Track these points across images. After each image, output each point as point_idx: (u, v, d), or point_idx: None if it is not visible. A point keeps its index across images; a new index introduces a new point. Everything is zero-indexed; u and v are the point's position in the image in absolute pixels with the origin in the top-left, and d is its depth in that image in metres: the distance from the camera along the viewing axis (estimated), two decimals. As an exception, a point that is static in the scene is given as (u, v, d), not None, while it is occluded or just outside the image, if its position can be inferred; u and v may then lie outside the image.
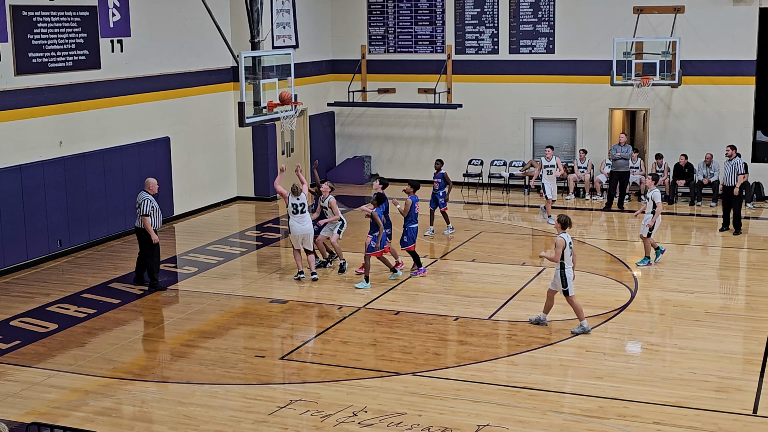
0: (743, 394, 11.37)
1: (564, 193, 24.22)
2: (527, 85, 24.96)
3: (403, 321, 14.36)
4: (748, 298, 15.62)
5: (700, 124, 23.70)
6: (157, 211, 16.07)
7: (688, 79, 23.12)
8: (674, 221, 21.34)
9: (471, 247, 18.91)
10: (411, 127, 26.34)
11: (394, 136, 26.57)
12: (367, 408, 11.01)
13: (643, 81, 22.43)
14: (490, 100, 25.30)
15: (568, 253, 13.47)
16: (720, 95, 23.45)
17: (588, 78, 24.27)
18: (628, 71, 22.70)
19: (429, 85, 25.39)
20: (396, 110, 26.10)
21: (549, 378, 12.02)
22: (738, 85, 23.30)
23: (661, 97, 23.93)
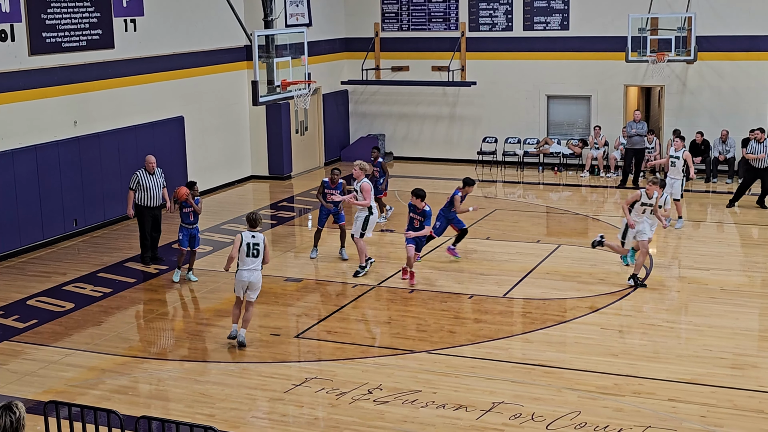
0: (759, 371, 11.35)
1: (579, 170, 24.16)
2: (541, 62, 24.84)
3: (417, 299, 14.38)
4: (764, 275, 15.56)
5: (716, 100, 23.55)
6: (149, 189, 16.00)
7: (704, 55, 22.98)
8: (690, 198, 21.25)
9: (485, 224, 18.89)
10: (425, 105, 26.27)
11: (407, 115, 26.51)
12: (382, 386, 11.05)
13: (659, 57, 22.28)
14: (504, 77, 25.19)
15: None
16: (736, 71, 23.29)
17: (603, 54, 24.13)
18: (643, 47, 22.56)
19: (443, 62, 25.30)
20: (410, 88, 26.03)
21: (564, 355, 12.03)
22: (754, 61, 23.12)
23: (677, 73, 23.78)
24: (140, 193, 16.00)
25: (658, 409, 10.32)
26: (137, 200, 16.05)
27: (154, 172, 16.10)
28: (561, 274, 15.46)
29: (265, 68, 16.18)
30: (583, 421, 10.00)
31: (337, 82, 26.17)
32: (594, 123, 24.51)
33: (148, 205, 16.09)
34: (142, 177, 15.98)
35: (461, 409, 10.36)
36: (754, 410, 10.26)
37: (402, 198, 21.45)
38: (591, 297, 14.25)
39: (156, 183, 16.11)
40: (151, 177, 16.03)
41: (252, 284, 12.34)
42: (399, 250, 16.92)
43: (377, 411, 10.39)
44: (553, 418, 10.08)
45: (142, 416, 8.44)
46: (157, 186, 16.12)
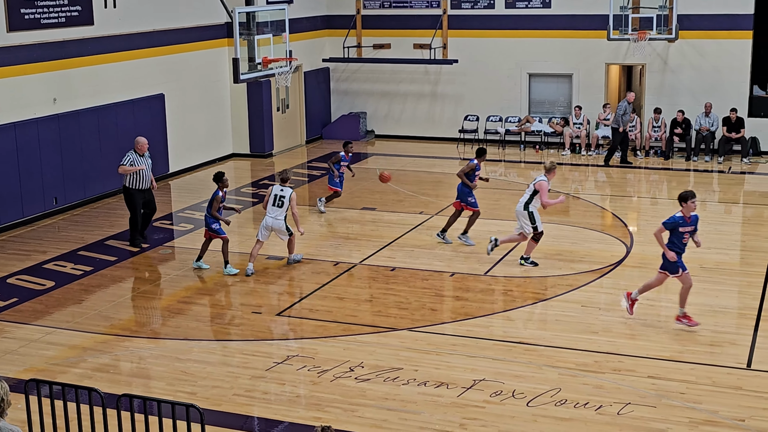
0: (737, 348, 11.44)
1: (560, 149, 24.20)
2: (523, 40, 24.82)
3: (399, 277, 14.40)
4: (743, 252, 15.67)
5: (697, 78, 23.61)
6: (140, 171, 15.76)
7: (685, 34, 23.02)
8: (670, 176, 21.35)
9: (467, 203, 18.87)
10: (407, 83, 26.22)
11: (389, 92, 26.46)
12: (363, 363, 11.08)
13: (640, 36, 22.31)
14: (486, 55, 25.16)
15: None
16: (717, 50, 23.34)
17: (584, 33, 24.13)
18: (624, 26, 22.58)
19: (425, 40, 25.23)
20: (391, 66, 25.96)
21: (544, 333, 12.09)
22: (735, 40, 23.17)
23: (658, 51, 23.81)
24: (131, 175, 15.80)
25: (638, 386, 10.39)
26: (127, 183, 15.86)
27: (144, 154, 15.91)
28: (542, 252, 15.49)
29: (246, 45, 16.11)
30: (563, 398, 10.06)
31: (319, 60, 26.08)
32: (576, 101, 24.53)
33: (139, 188, 15.91)
34: (135, 159, 15.79)
35: (442, 387, 10.41)
36: (733, 387, 10.35)
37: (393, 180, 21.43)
38: (571, 275, 14.31)
39: (147, 165, 15.95)
40: (141, 159, 15.85)
41: (276, 229, 14.65)
42: (381, 228, 16.94)
43: (359, 388, 10.42)
44: (534, 395, 10.14)
45: (123, 394, 8.44)
46: (148, 168, 15.96)
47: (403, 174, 21.69)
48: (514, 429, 9.45)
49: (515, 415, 9.72)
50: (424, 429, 9.50)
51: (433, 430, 9.47)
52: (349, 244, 16.17)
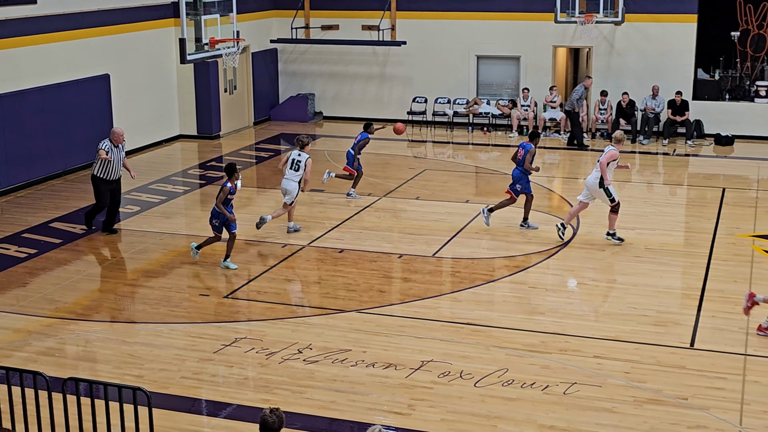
0: (681, 328, 11.62)
1: (508, 131, 24.33)
2: (472, 22, 24.86)
3: (347, 259, 14.40)
4: (687, 234, 15.90)
5: (643, 62, 23.84)
6: (112, 162, 15.21)
7: (631, 17, 23.21)
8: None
9: (415, 184, 18.95)
10: (355, 65, 26.16)
11: (338, 74, 26.37)
12: (312, 345, 11.08)
13: (587, 18, 22.46)
14: (434, 37, 25.17)
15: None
16: (662, 33, 23.58)
17: (532, 15, 24.24)
18: (572, 8, 22.71)
19: (373, 21, 25.16)
20: (340, 47, 25.86)
21: (492, 314, 12.17)
22: (680, 23, 23.43)
23: (605, 34, 24.00)
24: (103, 166, 15.28)
25: (584, 365, 10.52)
26: (96, 171, 15.37)
27: (119, 145, 15.38)
28: (490, 233, 15.60)
29: (192, 26, 15.95)
30: (510, 379, 10.15)
31: (266, 41, 25.90)
32: (523, 83, 24.65)
33: (107, 178, 15.38)
34: (110, 148, 15.26)
35: (391, 368, 10.44)
36: (676, 366, 10.52)
37: (331, 158, 21.41)
38: (519, 256, 14.42)
39: (119, 156, 15.44)
40: (115, 150, 15.33)
41: (286, 190, 15.28)
42: (329, 209, 16.91)
43: (307, 370, 10.42)
44: (481, 376, 10.22)
45: (69, 378, 8.35)
46: (119, 160, 15.46)
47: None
48: (461, 409, 9.52)
49: (463, 396, 9.79)
50: (372, 410, 9.54)
51: (382, 411, 9.51)
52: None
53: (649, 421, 9.26)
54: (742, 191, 18.47)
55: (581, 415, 9.38)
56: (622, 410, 9.48)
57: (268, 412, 6.62)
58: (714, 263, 14.04)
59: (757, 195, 18.08)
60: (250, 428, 8.79)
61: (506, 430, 9.13)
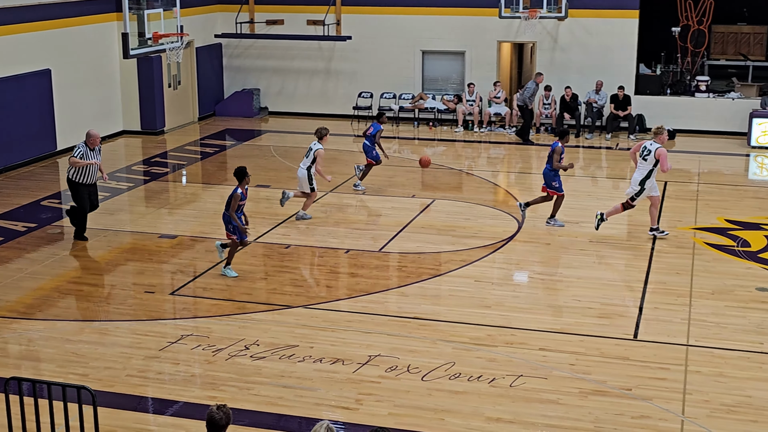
0: (625, 320, 11.77)
1: (453, 126, 24.42)
2: (417, 17, 24.90)
3: (294, 254, 14.37)
4: (630, 227, 16.08)
5: (586, 57, 24.08)
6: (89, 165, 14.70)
7: (575, 12, 23.43)
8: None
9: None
10: (300, 60, 26.08)
11: (283, 69, 26.27)
12: (259, 341, 11.04)
13: (531, 14, 22.63)
14: (379, 32, 25.18)
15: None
16: (605, 28, 23.84)
17: (477, 10, 24.35)
18: (516, 4, 22.86)
19: (318, 16, 25.10)
20: (285, 42, 25.75)
21: (439, 308, 12.23)
22: (622, 19, 23.71)
23: (548, 30, 24.19)
24: (79, 170, 14.74)
25: (530, 358, 10.62)
26: (73, 176, 14.83)
27: (95, 148, 14.82)
28: (436, 228, 15.66)
29: (135, 20, 15.78)
30: (457, 372, 10.21)
31: (211, 36, 25.71)
32: (468, 78, 24.76)
33: (85, 182, 14.80)
34: (86, 152, 14.71)
35: (338, 363, 10.45)
36: (620, 357, 10.66)
37: (277, 153, 21.34)
38: (465, 250, 14.50)
39: (97, 160, 14.82)
40: (91, 153, 14.78)
41: (300, 179, 15.90)
42: (275, 205, 16.84)
43: (254, 366, 10.39)
44: (428, 370, 10.26)
45: (11, 377, 8.24)
46: (97, 162, 14.85)
47: (297, 151, 21.60)
48: (408, 403, 9.55)
49: (410, 390, 9.83)
50: (320, 405, 9.54)
51: (329, 407, 9.51)
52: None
53: (594, 412, 9.37)
54: (683, 185, 18.74)
55: (527, 407, 9.47)
56: (568, 402, 9.58)
57: (215, 409, 6.59)
58: (656, 256, 14.24)
59: (698, 188, 18.37)
60: (197, 425, 8.73)
61: (453, 423, 9.18)
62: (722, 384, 9.99)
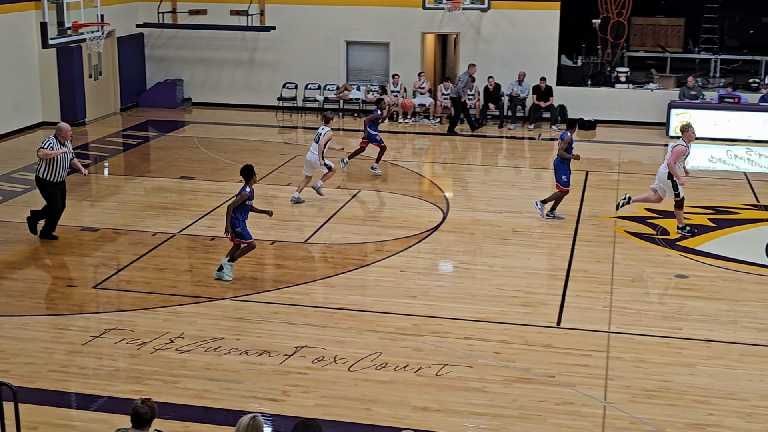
0: (548, 308, 11.95)
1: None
2: (341, 7, 24.86)
3: (219, 246, 14.27)
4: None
5: (509, 48, 24.29)
6: (60, 161, 14.01)
7: (497, 4, 23.63)
8: (484, 143, 21.96)
9: (286, 171, 18.89)
10: (224, 50, 25.85)
11: (206, 59, 26.01)
12: (184, 334, 10.96)
13: (454, 5, 22.77)
14: (304, 22, 25.08)
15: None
16: (527, 20, 24.08)
17: (401, 1, 24.40)
18: (436, -5, 22.99)
19: (242, 6, 24.90)
20: (208, 33, 25.49)
21: (365, 298, 12.26)
22: (544, 10, 23.99)
23: (471, 21, 24.36)
24: (49, 167, 14.06)
25: (455, 347, 10.71)
26: (42, 173, 14.10)
27: (65, 142, 14.16)
28: (361, 218, 15.70)
29: (54, 9, 15.51)
30: (383, 362, 10.26)
31: (132, 25, 25.32)
32: (393, 69, 24.82)
33: (54, 180, 14.09)
34: (55, 146, 14.05)
35: (264, 355, 10.42)
36: (544, 345, 10.82)
37: (201, 145, 21.15)
38: (391, 241, 14.56)
39: (67, 155, 14.19)
40: (61, 148, 14.09)
41: (307, 160, 16.40)
42: (199, 197, 16.71)
43: (180, 360, 10.31)
44: (355, 360, 10.30)
45: (-71, 375, 8.06)
46: (67, 158, 14.23)
47: (221, 142, 21.46)
48: (336, 394, 9.58)
49: (337, 381, 9.85)
50: (246, 398, 9.51)
51: (256, 399, 9.49)
52: (167, 213, 15.88)
53: (518, 399, 9.50)
54: (604, 174, 19.06)
55: (453, 396, 9.56)
56: (493, 389, 9.70)
57: (139, 403, 6.54)
58: (578, 244, 14.47)
59: (619, 178, 18.70)
60: (121, 420, 8.64)
61: (380, 413, 9.23)
62: (642, 369, 10.20)
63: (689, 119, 21.85)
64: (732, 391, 9.72)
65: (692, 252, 14.13)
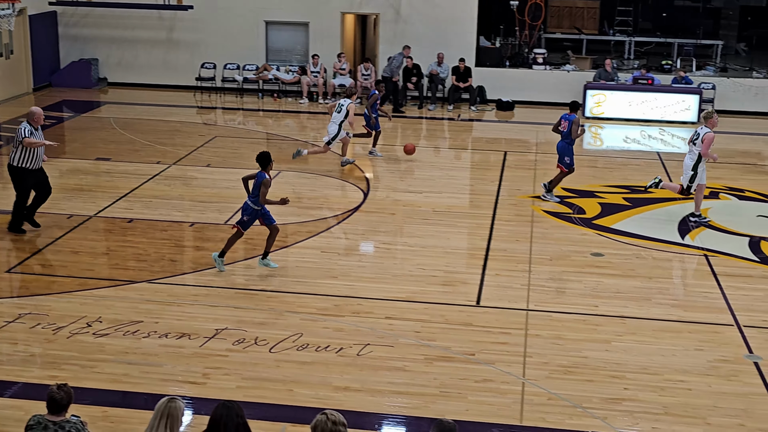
0: (468, 287, 12.06)
1: (298, 97, 24.35)
2: (259, -13, 24.67)
3: (137, 228, 14.08)
4: (472, 196, 16.47)
5: (428, 29, 24.35)
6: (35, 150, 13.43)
7: (416, -15, 23.67)
8: (404, 124, 22.02)
9: (205, 152, 18.71)
10: (140, 29, 25.41)
11: (122, 38, 25.54)
12: (101, 318, 10.80)
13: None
14: (222, 2, 24.78)
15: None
16: (446, 1, 24.15)
17: (320, -19, 24.31)
18: (358, -25, 22.93)
19: (158, -15, 24.51)
20: (123, 11, 25.02)
21: (286, 279, 12.23)
22: (463, -8, 24.12)
23: (391, 2, 24.35)
24: (25, 155, 13.38)
25: (377, 327, 10.76)
26: (20, 162, 13.38)
27: (38, 127, 13.54)
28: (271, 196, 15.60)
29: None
30: (305, 343, 10.26)
31: (45, 3, 24.73)
32: (312, 50, 24.70)
33: (31, 167, 13.45)
34: (34, 133, 13.40)
35: (184, 338, 10.34)
36: (463, 323, 10.93)
37: (117, 125, 20.81)
38: (311, 221, 14.53)
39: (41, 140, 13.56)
40: (36, 133, 13.50)
41: (328, 131, 17.37)
42: (116, 179, 16.45)
43: (97, 344, 10.16)
44: (276, 341, 10.28)
45: None
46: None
47: (138, 123, 21.15)
48: (257, 375, 9.55)
49: (258, 362, 9.83)
50: (166, 381, 9.42)
51: (176, 382, 9.41)
52: (83, 195, 15.60)
53: (439, 377, 9.59)
54: (522, 154, 19.29)
55: (374, 375, 9.61)
56: (414, 368, 9.77)
57: (55, 389, 6.44)
58: (497, 224, 14.63)
59: (536, 158, 18.94)
60: (37, 406, 8.48)
61: (302, 393, 9.24)
62: (560, 346, 10.38)
63: (605, 101, 22.25)
64: (645, 365, 9.95)
65: (608, 230, 14.39)
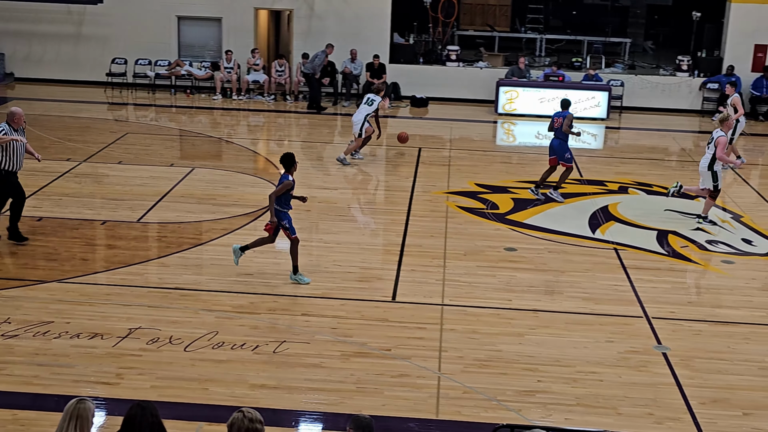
0: (383, 283, 12.12)
1: (211, 93, 24.14)
2: (171, -19, 24.37)
3: (47, 227, 13.81)
4: (387, 192, 16.55)
5: (342, 25, 24.37)
6: (15, 149, 12.87)
7: (330, -19, 23.67)
8: (319, 120, 22.00)
9: (117, 149, 18.43)
10: (47, 23, 24.88)
11: (30, 33, 24.96)
12: (10, 319, 10.57)
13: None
14: (132, -4, 24.46)
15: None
16: (360, -2, 24.25)
17: (232, -24, 24.13)
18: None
19: (66, -22, 24.03)
20: (29, 4, 24.40)
21: (200, 278, 12.13)
22: (376, -12, 24.19)
23: (303, -3, 24.33)
24: (5, 156, 12.83)
25: (293, 324, 10.75)
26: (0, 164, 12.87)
27: (19, 128, 12.99)
28: (196, 197, 15.48)
29: None
30: (220, 341, 10.19)
31: (-53, -4, 24.10)
32: (226, 46, 24.51)
33: (12, 169, 12.95)
34: (9, 132, 12.83)
35: (97, 337, 10.18)
36: (380, 319, 10.98)
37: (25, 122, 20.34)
38: (226, 219, 14.43)
39: (22, 142, 13.00)
40: (16, 134, 12.91)
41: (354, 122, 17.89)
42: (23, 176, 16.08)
43: (6, 345, 9.94)
44: (191, 340, 10.19)
45: None
46: (23, 145, 13.02)
47: (47, 119, 20.72)
48: (172, 375, 9.46)
49: (173, 361, 9.73)
50: (78, 382, 9.27)
51: (89, 383, 9.26)
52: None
53: (356, 373, 9.62)
54: (436, 150, 19.43)
55: (291, 372, 9.59)
56: (330, 365, 9.78)
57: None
58: (412, 219, 14.72)
59: (450, 154, 19.10)
60: (-56, 410, 8.30)
61: (217, 392, 9.18)
62: (475, 340, 10.50)
63: (517, 97, 22.55)
64: (558, 358, 10.13)
65: (520, 225, 14.60)
